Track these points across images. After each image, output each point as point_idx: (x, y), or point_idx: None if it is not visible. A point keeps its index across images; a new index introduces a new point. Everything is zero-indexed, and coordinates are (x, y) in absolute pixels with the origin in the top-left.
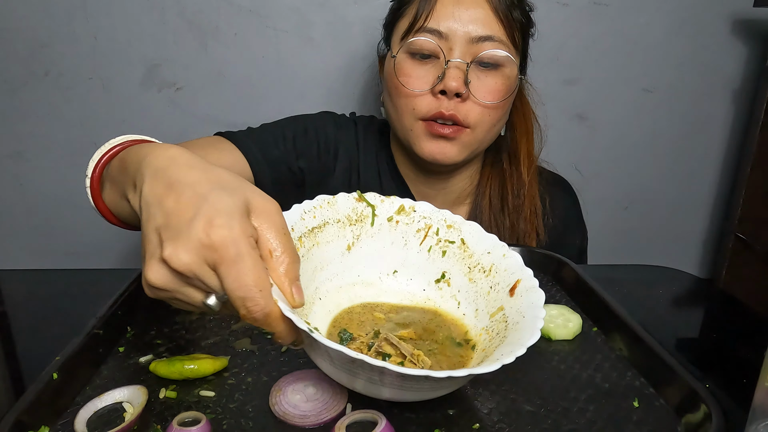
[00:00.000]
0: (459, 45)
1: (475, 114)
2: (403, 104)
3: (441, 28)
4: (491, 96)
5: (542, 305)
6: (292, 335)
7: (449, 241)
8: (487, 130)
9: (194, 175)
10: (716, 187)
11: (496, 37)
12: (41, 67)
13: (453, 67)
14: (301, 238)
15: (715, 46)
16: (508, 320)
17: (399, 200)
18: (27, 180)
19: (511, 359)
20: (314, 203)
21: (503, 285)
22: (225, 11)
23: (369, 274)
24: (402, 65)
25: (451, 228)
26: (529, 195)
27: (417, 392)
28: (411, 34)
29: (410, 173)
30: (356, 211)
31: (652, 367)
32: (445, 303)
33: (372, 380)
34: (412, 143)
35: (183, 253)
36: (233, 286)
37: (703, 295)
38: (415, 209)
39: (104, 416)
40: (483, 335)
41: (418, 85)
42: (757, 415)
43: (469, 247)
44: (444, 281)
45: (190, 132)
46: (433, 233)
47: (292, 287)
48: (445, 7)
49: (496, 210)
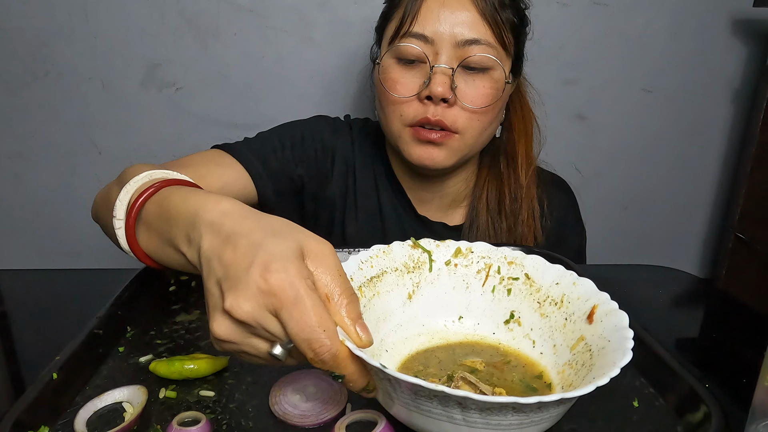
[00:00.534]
0: (445, 49)
1: (462, 119)
2: (390, 110)
3: (426, 32)
4: (479, 101)
5: (627, 326)
6: (364, 377)
7: (513, 278)
8: (477, 135)
9: (248, 224)
10: (716, 187)
11: (483, 40)
12: (41, 67)
13: (438, 72)
14: (360, 287)
15: (715, 46)
16: (592, 348)
17: (454, 243)
18: (27, 180)
19: (605, 380)
20: (370, 253)
21: (579, 314)
22: (225, 11)
23: (433, 322)
24: (388, 71)
25: (512, 264)
26: (527, 198)
27: (502, 431)
28: (397, 39)
29: (406, 177)
30: (413, 258)
31: (652, 367)
32: (518, 344)
33: (452, 419)
34: (402, 149)
35: (243, 301)
36: (296, 329)
37: (702, 295)
38: (472, 250)
39: (104, 416)
40: (567, 370)
41: (404, 90)
42: (757, 415)
43: (535, 281)
44: (514, 321)
45: (190, 132)
46: (494, 272)
47: (356, 326)
48: (430, 11)
49: (494, 213)
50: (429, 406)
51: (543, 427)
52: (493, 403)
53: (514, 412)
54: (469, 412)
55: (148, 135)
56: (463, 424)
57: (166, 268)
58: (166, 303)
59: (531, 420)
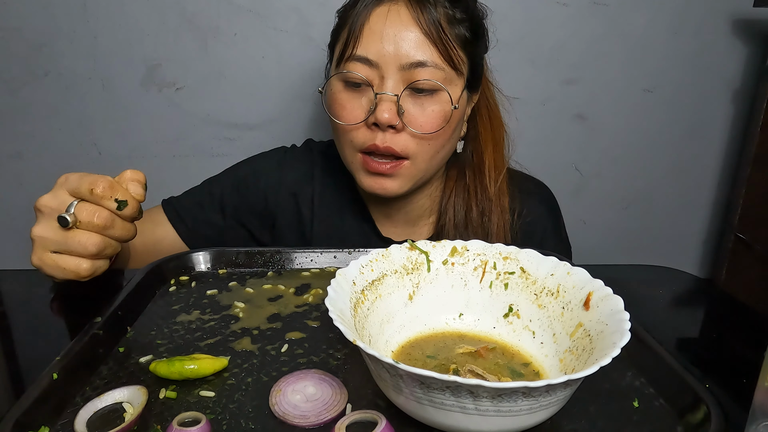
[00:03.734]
0: (390, 72)
1: (413, 145)
2: (341, 136)
3: (370, 55)
4: (428, 126)
5: (623, 308)
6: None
7: (509, 273)
8: (429, 159)
9: None
10: (716, 187)
11: (429, 62)
12: (41, 67)
13: (384, 99)
14: (363, 291)
15: (715, 46)
16: (591, 334)
17: (450, 242)
18: (27, 180)
19: (608, 360)
20: (369, 257)
21: (575, 302)
22: (225, 11)
23: (435, 320)
24: (336, 96)
25: (507, 259)
26: (497, 210)
27: (513, 417)
28: (342, 63)
29: (369, 195)
30: (411, 260)
31: (652, 367)
32: (518, 336)
33: (465, 409)
34: (354, 175)
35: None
36: (78, 182)
37: (703, 295)
38: (467, 248)
39: (104, 416)
40: (568, 356)
41: (351, 117)
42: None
43: (530, 274)
44: (513, 314)
45: (190, 132)
46: (490, 268)
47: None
48: (372, 32)
49: (461, 227)
50: (441, 398)
51: (552, 411)
52: (504, 389)
53: (524, 397)
54: (480, 400)
55: (148, 135)
56: (476, 413)
57: None
58: (166, 303)
59: (540, 404)
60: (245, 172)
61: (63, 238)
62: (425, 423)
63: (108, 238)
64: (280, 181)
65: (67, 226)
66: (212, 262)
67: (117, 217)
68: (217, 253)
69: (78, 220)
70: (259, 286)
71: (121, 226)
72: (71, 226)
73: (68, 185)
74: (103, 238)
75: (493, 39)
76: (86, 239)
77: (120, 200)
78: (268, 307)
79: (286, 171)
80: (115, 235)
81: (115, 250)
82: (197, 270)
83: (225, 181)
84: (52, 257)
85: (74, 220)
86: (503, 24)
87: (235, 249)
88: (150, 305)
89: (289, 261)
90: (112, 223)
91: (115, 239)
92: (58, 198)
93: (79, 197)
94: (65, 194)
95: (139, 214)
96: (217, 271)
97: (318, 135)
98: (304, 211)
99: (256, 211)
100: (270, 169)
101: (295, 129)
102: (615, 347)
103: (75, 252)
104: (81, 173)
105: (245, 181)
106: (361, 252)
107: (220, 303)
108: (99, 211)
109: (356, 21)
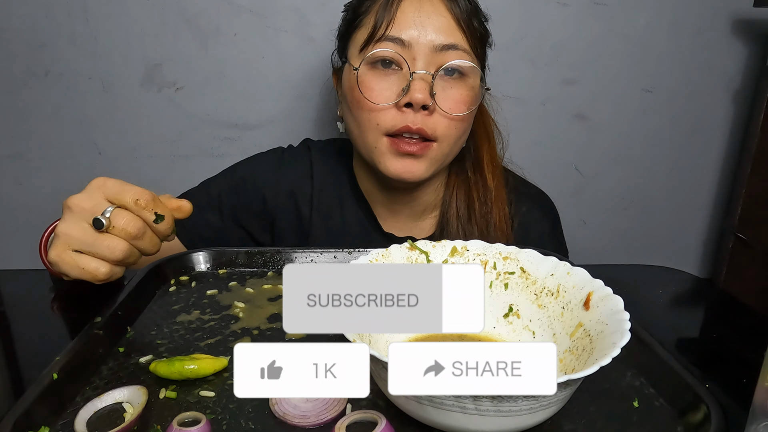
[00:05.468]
0: (422, 54)
1: (442, 126)
2: (366, 119)
3: (403, 36)
4: (458, 107)
5: (623, 308)
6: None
7: (509, 273)
8: (454, 142)
9: None
10: (716, 187)
11: (459, 46)
12: (41, 67)
13: (418, 78)
14: None
15: (715, 46)
16: (591, 334)
17: (450, 243)
18: (27, 180)
19: (608, 360)
20: (369, 257)
21: (575, 302)
22: (225, 11)
23: None
24: (364, 78)
25: (507, 259)
26: (497, 201)
27: (513, 417)
28: (372, 45)
29: (374, 190)
30: (411, 260)
31: (652, 367)
32: (518, 336)
33: (465, 409)
34: (377, 161)
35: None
36: (120, 191)
37: (703, 295)
38: (467, 249)
39: (104, 416)
40: (568, 356)
41: (382, 98)
42: (757, 415)
43: (530, 274)
44: (513, 314)
45: (190, 132)
46: (490, 268)
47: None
48: (405, 16)
49: (464, 220)
50: (441, 398)
51: (552, 411)
52: None
53: (524, 397)
54: (480, 400)
55: (148, 135)
56: (476, 413)
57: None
58: (166, 303)
59: (540, 404)
60: (243, 173)
61: (92, 239)
62: (425, 423)
63: (134, 248)
64: (278, 181)
65: (101, 228)
66: (212, 262)
67: (148, 229)
68: (217, 253)
69: (111, 225)
70: (259, 286)
71: (150, 239)
72: (104, 230)
73: (107, 190)
74: (130, 246)
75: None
76: (116, 244)
77: (158, 214)
78: (268, 307)
79: (284, 170)
80: (141, 247)
81: (136, 261)
82: (197, 270)
83: (222, 182)
84: (72, 255)
85: (108, 224)
86: (503, 24)
87: (235, 249)
88: (150, 305)
89: (289, 261)
90: (143, 234)
91: (140, 250)
92: (93, 200)
93: (119, 204)
94: (101, 198)
95: (172, 232)
96: (217, 271)
97: (318, 135)
98: (303, 210)
99: (255, 212)
100: (268, 169)
101: (295, 129)
102: (615, 347)
103: (100, 255)
104: (120, 181)
105: (243, 182)
106: (361, 252)
107: (220, 303)
108: (135, 220)
109: (388, 5)
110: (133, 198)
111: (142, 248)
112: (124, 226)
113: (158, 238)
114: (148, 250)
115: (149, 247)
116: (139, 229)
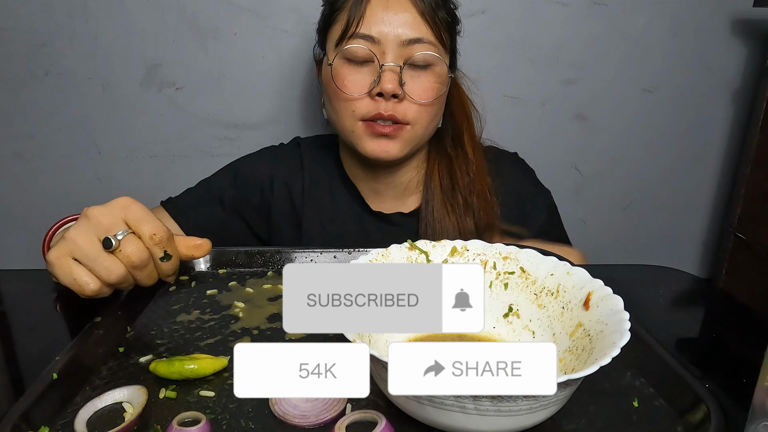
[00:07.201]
0: (391, 49)
1: (412, 112)
2: (342, 107)
3: (372, 33)
4: (426, 94)
5: (623, 308)
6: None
7: (508, 273)
8: (426, 125)
9: None
10: (716, 187)
11: (425, 39)
12: (41, 67)
13: (388, 70)
14: None
15: (715, 46)
16: (590, 333)
17: (450, 242)
18: (27, 180)
19: (607, 360)
20: (369, 257)
21: (575, 302)
22: (225, 11)
23: None
24: (339, 71)
25: (507, 259)
26: (479, 172)
27: (513, 417)
28: (345, 41)
29: (358, 172)
30: (411, 260)
31: (652, 367)
32: (518, 336)
33: (465, 409)
34: (355, 143)
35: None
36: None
37: (703, 295)
38: (467, 248)
39: (104, 416)
40: (568, 356)
41: (356, 89)
42: (757, 415)
43: (530, 274)
44: (513, 314)
45: (190, 132)
46: (490, 268)
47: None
48: (374, 13)
49: (447, 191)
50: (441, 398)
51: (552, 411)
52: None
53: (524, 398)
54: (480, 400)
55: (148, 135)
56: (476, 413)
57: None
58: (166, 303)
59: (540, 404)
60: (240, 167)
61: (94, 255)
62: (425, 423)
63: (130, 276)
64: (273, 174)
65: (108, 248)
66: (212, 262)
67: (151, 263)
68: (217, 253)
69: (119, 248)
70: (259, 286)
71: (149, 273)
72: (110, 251)
73: (129, 213)
74: (127, 273)
75: (493, 39)
76: (114, 267)
77: (167, 253)
78: (268, 307)
79: (277, 164)
80: (138, 277)
81: (127, 288)
82: (197, 270)
83: (221, 177)
84: (70, 263)
85: (116, 246)
86: (503, 24)
87: (234, 249)
88: (150, 305)
89: (288, 261)
90: (144, 267)
91: (135, 279)
92: (112, 218)
93: (135, 230)
94: (120, 218)
95: (173, 274)
96: (217, 271)
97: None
98: (296, 200)
99: (254, 204)
100: (263, 163)
101: (295, 129)
102: (615, 347)
103: (96, 272)
104: (145, 208)
105: (242, 175)
106: (361, 252)
107: (220, 303)
108: (142, 252)
109: (358, 3)
110: (150, 231)
111: (138, 279)
112: (130, 254)
113: (157, 274)
114: (144, 282)
115: (145, 279)
116: (142, 261)
